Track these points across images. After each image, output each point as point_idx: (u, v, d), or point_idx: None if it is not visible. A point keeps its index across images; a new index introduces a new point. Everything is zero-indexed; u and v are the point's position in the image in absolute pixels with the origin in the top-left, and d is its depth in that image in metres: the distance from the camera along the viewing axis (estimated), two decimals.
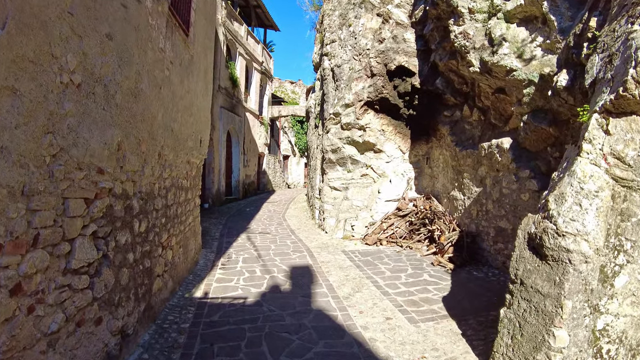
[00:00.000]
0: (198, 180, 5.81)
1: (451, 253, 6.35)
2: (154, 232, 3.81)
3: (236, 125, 15.42)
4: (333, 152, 8.30)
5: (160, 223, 3.97)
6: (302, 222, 10.02)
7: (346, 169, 8.37)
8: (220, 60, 13.33)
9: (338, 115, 8.14)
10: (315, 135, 10.68)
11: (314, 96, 11.70)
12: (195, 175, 5.63)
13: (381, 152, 8.05)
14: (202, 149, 5.95)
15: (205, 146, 6.15)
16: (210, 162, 12.91)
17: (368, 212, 7.97)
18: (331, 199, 8.47)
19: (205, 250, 6.56)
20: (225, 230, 8.54)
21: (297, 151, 31.36)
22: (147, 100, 3.45)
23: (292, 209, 12.61)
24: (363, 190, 8.15)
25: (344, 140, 8.15)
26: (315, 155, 10.51)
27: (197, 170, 5.76)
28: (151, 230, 3.71)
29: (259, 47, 18.77)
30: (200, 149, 5.78)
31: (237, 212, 11.83)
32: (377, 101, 7.76)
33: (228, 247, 6.86)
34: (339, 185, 8.44)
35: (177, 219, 4.68)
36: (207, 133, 6.29)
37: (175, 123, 4.43)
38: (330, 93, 8.65)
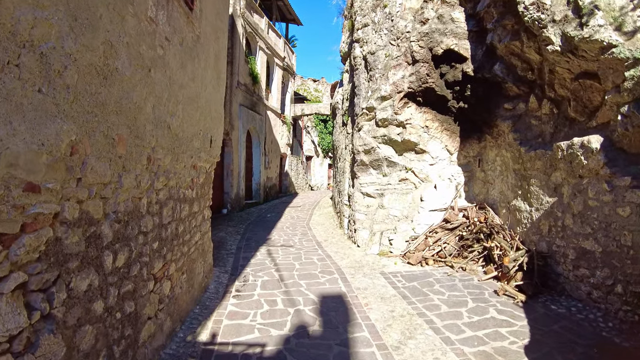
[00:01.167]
0: (208, 188, 4.89)
1: (519, 279, 5.13)
2: (141, 263, 2.87)
3: (257, 125, 14.59)
4: (366, 152, 7.22)
5: (150, 249, 3.03)
6: (328, 231, 8.99)
7: (381, 172, 7.27)
8: (238, 54, 12.51)
9: (372, 110, 7.06)
10: (343, 134, 9.62)
11: (342, 91, 10.64)
12: (205, 182, 4.71)
13: (424, 152, 6.89)
14: (213, 151, 5.02)
15: (217, 147, 5.23)
16: (228, 164, 12.11)
17: (409, 224, 6.84)
18: (363, 207, 7.39)
19: (218, 269, 5.64)
20: (243, 242, 7.63)
21: (320, 152, 30.43)
22: (126, 84, 2.52)
23: (317, 215, 11.61)
24: (402, 198, 7.02)
25: (379, 139, 7.05)
26: (343, 157, 9.46)
27: (207, 176, 4.84)
28: (136, 262, 2.78)
29: (280, 41, 17.93)
30: (210, 150, 4.86)
31: (258, 219, 10.94)
32: (420, 92, 6.62)
33: (245, 264, 5.92)
34: (372, 191, 7.35)
35: (178, 240, 3.75)
36: (220, 131, 5.37)
37: (174, 118, 3.50)
38: (362, 85, 7.57)
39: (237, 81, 12.51)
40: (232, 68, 11.96)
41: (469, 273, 5.85)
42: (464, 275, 5.70)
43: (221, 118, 5.40)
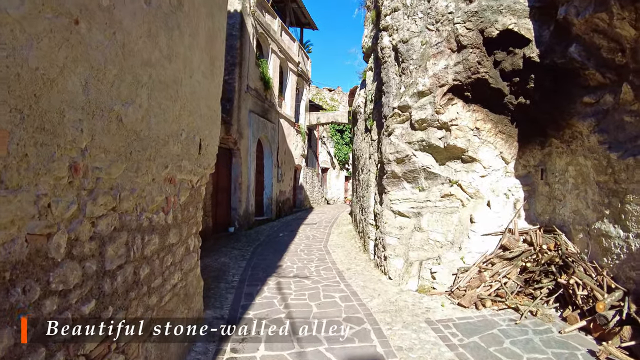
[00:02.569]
0: (195, 210, 3.72)
1: (627, 337, 3.72)
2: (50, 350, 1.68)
3: (268, 133, 13.54)
4: (398, 162, 5.96)
5: (74, 317, 1.85)
6: (350, 256, 7.69)
7: (418, 186, 5.99)
8: (248, 55, 11.55)
9: (406, 109, 5.82)
10: (366, 141, 8.40)
11: (364, 92, 9.48)
12: (189, 202, 3.54)
13: (474, 161, 5.59)
14: (204, 159, 3.87)
15: (210, 155, 4.08)
16: (237, 177, 11.02)
17: (456, 252, 5.49)
18: (395, 229, 6.09)
19: (212, 312, 4.42)
20: (249, 270, 6.41)
21: (336, 163, 29.31)
22: (11, 33, 1.38)
23: (336, 235, 10.32)
24: (446, 219, 5.70)
25: (415, 145, 5.80)
26: (366, 168, 8.22)
27: (194, 194, 3.67)
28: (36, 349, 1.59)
29: (294, 45, 17.02)
30: (199, 159, 3.71)
31: (268, 239, 9.73)
32: (469, 85, 5.36)
33: (248, 305, 4.69)
34: (406, 209, 6.06)
35: (139, 290, 2.56)
36: (215, 134, 4.23)
37: (132, 107, 2.36)
38: (393, 80, 6.37)
39: (247, 85, 11.52)
40: (240, 70, 10.99)
41: (542, 320, 4.45)
42: (537, 324, 4.31)
43: (217, 117, 4.26)
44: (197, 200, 3.79)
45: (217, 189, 10.05)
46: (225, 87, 10.55)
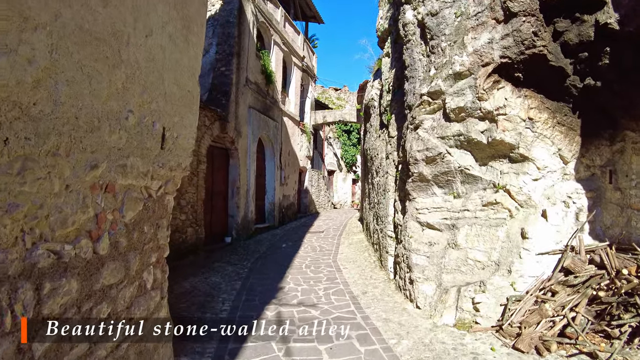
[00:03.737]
0: (156, 229, 2.66)
1: None
2: None
3: (270, 132, 12.51)
4: (428, 162, 4.86)
5: None
6: (365, 274, 6.59)
7: (452, 191, 4.89)
8: (248, 44, 10.55)
9: (438, 96, 4.73)
10: (382, 139, 7.32)
11: (377, 84, 8.41)
12: (144, 219, 2.48)
13: (525, 160, 4.47)
14: (172, 157, 2.81)
15: (182, 150, 3.02)
16: (234, 180, 9.98)
17: (504, 276, 4.37)
18: (423, 246, 5.00)
19: None
20: (243, 294, 5.35)
21: (343, 165, 28.27)
22: None
23: (345, 246, 9.23)
24: (489, 233, 4.58)
25: (449, 140, 4.70)
26: (382, 169, 7.13)
27: (154, 206, 2.61)
28: None
29: (299, 38, 16.01)
30: (162, 155, 2.65)
31: (269, 251, 8.67)
32: (521, 64, 4.25)
33: (236, 352, 3.61)
34: (437, 220, 4.96)
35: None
36: (190, 124, 3.17)
37: (9, 58, 1.31)
38: (418, 62, 5.29)
39: (246, 78, 10.50)
40: (239, 61, 9.97)
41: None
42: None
43: (192, 101, 3.21)
44: (159, 215, 2.72)
45: (211, 194, 9.01)
46: (221, 79, 9.55)
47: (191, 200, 7.64)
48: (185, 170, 3.13)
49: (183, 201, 7.40)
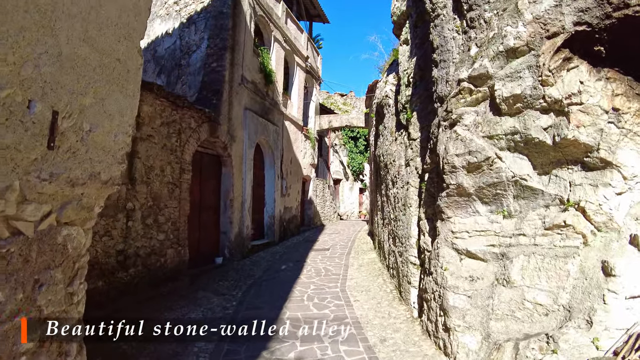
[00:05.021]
0: (38, 291, 1.53)
1: None
2: None
3: (270, 137, 11.44)
4: (469, 169, 3.72)
5: None
6: (381, 309, 5.41)
7: (502, 209, 3.73)
8: (243, 38, 9.55)
9: (484, 81, 3.61)
10: (400, 142, 6.19)
11: (393, 78, 7.31)
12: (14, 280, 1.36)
13: (607, 166, 3.31)
14: (79, 161, 1.73)
15: (103, 152, 1.93)
16: (227, 191, 8.88)
17: (581, 329, 3.18)
18: (463, 281, 3.83)
19: None
20: (225, 345, 4.19)
21: (350, 174, 27.18)
22: None
23: (355, 268, 8.04)
24: (555, 266, 3.41)
25: (500, 139, 3.56)
26: (401, 179, 5.99)
27: (34, 249, 1.49)
28: None
29: (302, 37, 15.05)
30: (52, 158, 1.55)
31: (265, 275, 7.52)
32: (604, 33, 3.13)
33: None
34: (481, 248, 3.80)
35: None
36: (121, 112, 2.08)
37: None
38: (451, 42, 4.19)
39: (242, 76, 9.47)
40: (233, 57, 8.95)
41: None
42: None
43: (127, 78, 2.11)
44: (45, 264, 1.60)
45: (199, 208, 7.91)
46: (212, 76, 8.53)
47: (172, 217, 6.54)
48: (111, 185, 2.02)
49: (161, 217, 6.30)
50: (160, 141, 6.34)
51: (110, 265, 5.32)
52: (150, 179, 6.11)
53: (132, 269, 5.71)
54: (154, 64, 10.74)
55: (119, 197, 5.47)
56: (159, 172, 6.29)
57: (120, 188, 5.50)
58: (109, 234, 5.29)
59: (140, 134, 5.90)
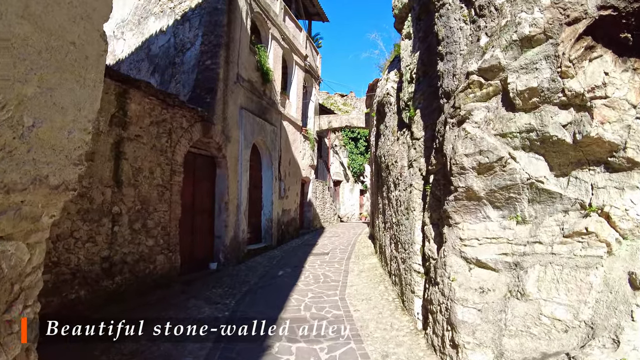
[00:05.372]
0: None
1: None
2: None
3: (267, 138, 11.14)
4: (480, 170, 3.42)
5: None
6: (383, 319, 5.09)
7: (515, 214, 3.43)
8: (240, 35, 9.27)
9: (496, 74, 3.31)
10: (402, 142, 5.89)
11: (394, 75, 7.01)
12: None
13: (635, 167, 3.00)
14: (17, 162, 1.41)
15: (52, 152, 1.63)
16: (222, 193, 8.58)
17: (607, 349, 2.86)
18: (472, 293, 3.53)
19: None
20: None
21: (350, 175, 26.89)
22: None
23: (356, 274, 7.73)
24: (575, 277, 3.10)
25: (514, 138, 3.26)
26: (404, 181, 5.69)
27: None
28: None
29: (301, 35, 14.78)
30: None
31: (261, 282, 7.21)
32: (632, 17, 2.83)
33: None
34: (492, 257, 3.50)
35: None
36: (77, 105, 1.79)
37: None
38: (458, 33, 3.90)
39: (238, 74, 9.18)
40: (228, 54, 8.66)
41: None
42: None
43: (85, 65, 1.82)
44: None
45: (192, 211, 7.61)
46: (206, 74, 8.24)
47: (162, 221, 6.24)
48: (65, 191, 1.72)
49: (150, 222, 6.00)
50: (150, 141, 6.04)
51: (95, 273, 5.02)
52: (139, 181, 5.81)
53: (119, 276, 5.41)
54: (148, 63, 10.47)
55: (104, 200, 5.17)
56: (148, 174, 5.99)
57: (105, 191, 5.21)
58: (93, 239, 4.99)
59: (127, 134, 5.60)
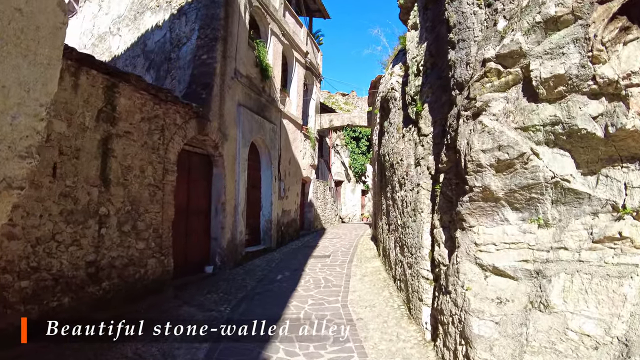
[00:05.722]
0: None
1: None
2: None
3: (267, 136, 10.84)
4: (499, 168, 3.10)
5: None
6: (388, 329, 4.77)
7: (536, 217, 3.10)
8: (238, 30, 8.98)
9: (516, 60, 2.99)
10: (408, 139, 5.57)
11: (399, 69, 6.70)
12: None
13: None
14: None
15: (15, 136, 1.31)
16: (218, 193, 8.28)
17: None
18: (489, 304, 3.21)
19: None
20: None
21: (351, 175, 26.58)
22: None
23: (358, 278, 7.41)
24: (607, 288, 2.78)
25: (537, 131, 2.94)
26: (410, 180, 5.37)
27: None
28: None
29: (301, 32, 14.48)
30: None
31: (259, 287, 6.90)
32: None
33: None
34: (511, 264, 3.18)
35: None
36: (25, 84, 1.47)
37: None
38: (472, 18, 3.59)
39: (235, 70, 8.88)
40: (225, 48, 8.36)
41: None
42: None
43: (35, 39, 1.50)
44: None
45: (187, 212, 7.31)
46: (202, 69, 7.95)
47: (153, 222, 5.93)
48: (7, 189, 1.41)
49: (141, 224, 5.70)
50: (141, 138, 5.74)
51: (79, 278, 4.71)
52: (128, 180, 5.51)
53: (106, 282, 5.11)
54: (144, 59, 10.18)
55: (90, 201, 4.87)
56: (138, 172, 5.69)
57: (91, 191, 4.90)
58: (78, 243, 4.69)
59: (116, 130, 5.30)
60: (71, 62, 4.60)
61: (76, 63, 4.67)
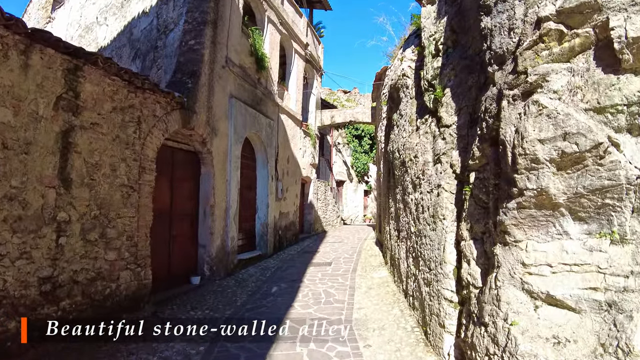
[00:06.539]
0: None
1: None
2: None
3: (263, 132, 10.10)
4: (562, 164, 2.35)
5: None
6: None
7: (608, 230, 2.35)
8: (229, 14, 8.26)
9: (587, 17, 2.24)
10: (425, 132, 4.81)
11: (410, 53, 5.95)
12: None
13: None
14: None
15: None
16: (207, 195, 7.54)
17: None
18: (543, 345, 2.45)
19: None
20: None
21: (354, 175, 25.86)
22: None
23: (364, 291, 6.66)
24: None
25: (617, 114, 2.19)
26: (428, 180, 4.62)
27: None
28: None
29: (301, 21, 13.74)
30: None
31: (250, 302, 6.16)
32: None
33: None
34: (572, 292, 2.42)
35: None
36: None
37: None
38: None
39: (227, 57, 8.14)
40: (214, 33, 7.63)
41: None
42: None
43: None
44: None
45: (169, 216, 6.57)
46: (189, 56, 7.22)
47: (127, 229, 5.20)
48: None
49: (112, 231, 4.96)
50: (112, 131, 5.00)
51: (29, 298, 3.97)
52: (96, 180, 4.77)
53: (66, 300, 4.37)
54: (130, 48, 9.44)
55: (45, 205, 4.13)
56: (108, 171, 4.95)
57: (47, 193, 4.16)
58: (28, 255, 3.95)
59: (80, 121, 4.56)
60: (20, 38, 3.87)
61: (27, 39, 3.94)
